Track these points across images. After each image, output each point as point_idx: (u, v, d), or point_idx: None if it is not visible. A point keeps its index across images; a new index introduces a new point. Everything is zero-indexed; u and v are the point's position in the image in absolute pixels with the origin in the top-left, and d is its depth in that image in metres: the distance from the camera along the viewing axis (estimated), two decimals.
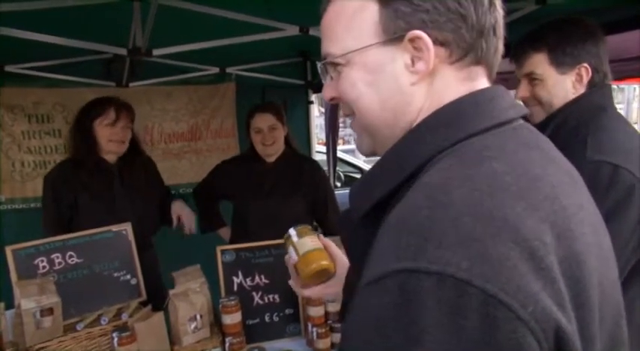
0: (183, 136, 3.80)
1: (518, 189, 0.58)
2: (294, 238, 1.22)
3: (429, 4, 0.67)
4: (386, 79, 0.71)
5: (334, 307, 2.02)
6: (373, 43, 0.71)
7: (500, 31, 0.73)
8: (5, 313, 1.69)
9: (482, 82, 0.73)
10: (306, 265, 1.17)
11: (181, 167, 3.76)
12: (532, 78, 1.53)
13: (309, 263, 1.17)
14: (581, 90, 1.50)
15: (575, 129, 1.44)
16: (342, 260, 1.19)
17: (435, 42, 0.68)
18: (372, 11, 0.70)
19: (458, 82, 0.71)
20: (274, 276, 2.06)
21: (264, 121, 2.48)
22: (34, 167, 3.34)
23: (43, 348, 1.68)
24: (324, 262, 1.17)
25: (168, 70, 3.46)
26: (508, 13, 0.75)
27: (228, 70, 3.75)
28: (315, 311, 2.00)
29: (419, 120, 0.71)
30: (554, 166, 0.67)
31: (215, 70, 3.69)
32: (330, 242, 1.23)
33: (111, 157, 2.32)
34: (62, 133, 3.35)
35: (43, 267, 1.76)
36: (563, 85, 1.50)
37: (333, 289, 1.19)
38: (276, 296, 2.08)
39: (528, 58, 1.53)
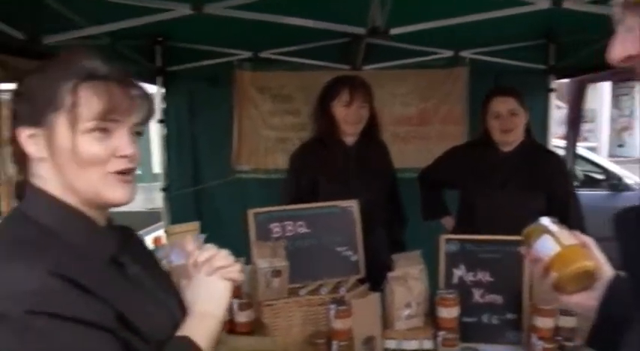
0: (411, 120, 3.76)
1: None
2: (552, 227, 0.97)
3: None
4: None
5: (568, 323, 1.74)
6: None
7: None
8: (244, 267, 1.88)
9: None
10: (569, 262, 0.92)
11: (407, 152, 3.72)
12: None
13: (574, 260, 0.92)
14: None
15: None
16: (604, 267, 0.95)
17: None
18: None
19: None
20: (500, 274, 1.87)
21: (504, 104, 2.26)
22: (274, 142, 3.73)
23: (270, 305, 1.82)
24: (590, 263, 0.92)
25: (401, 53, 3.47)
26: None
27: (462, 53, 3.58)
28: (544, 322, 1.74)
29: None
30: None
31: (449, 53, 3.57)
32: (590, 240, 0.98)
33: (349, 139, 2.34)
34: (300, 112, 3.65)
35: (277, 232, 1.91)
36: None
37: (593, 302, 0.92)
38: (499, 297, 1.89)
39: None
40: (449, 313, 1.80)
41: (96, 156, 0.87)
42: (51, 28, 2.41)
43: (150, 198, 6.60)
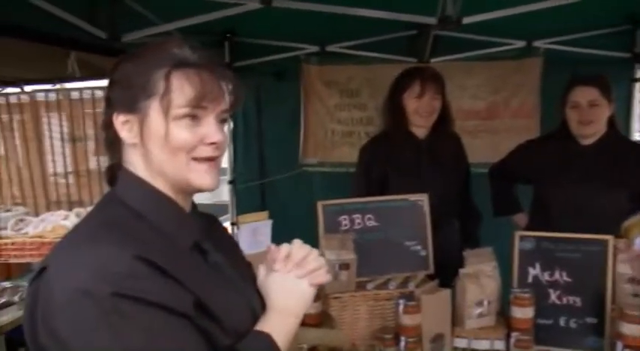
0: (479, 114, 3.65)
1: None
2: None
3: None
4: None
5: None
6: None
7: None
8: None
9: None
10: None
11: (475, 146, 3.58)
12: None
13: None
14: None
15: None
16: None
17: None
18: None
19: None
20: (579, 275, 1.77)
21: (584, 94, 2.12)
22: (341, 136, 3.75)
23: (337, 297, 1.82)
24: None
25: (470, 44, 3.35)
26: None
27: (535, 43, 3.41)
28: (631, 329, 1.62)
29: None
30: None
31: (520, 43, 3.41)
32: None
33: (420, 132, 2.29)
34: (367, 106, 3.63)
35: (345, 224, 1.90)
36: None
37: None
38: (578, 299, 1.78)
39: None
40: (523, 313, 1.72)
41: (185, 142, 0.88)
42: (128, 27, 2.51)
43: (216, 191, 6.83)
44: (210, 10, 2.45)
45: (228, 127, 3.83)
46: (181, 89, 0.87)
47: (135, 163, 0.93)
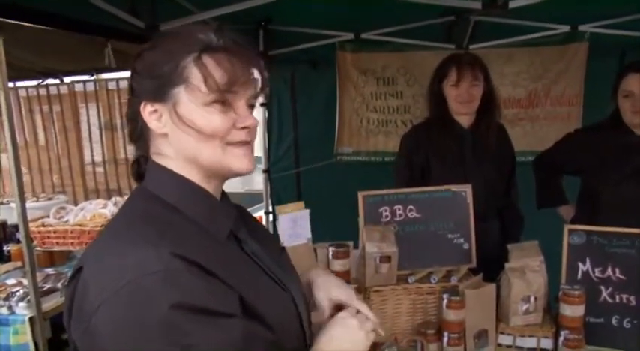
0: (519, 102, 3.54)
1: None
2: None
3: None
4: None
5: None
6: None
7: None
8: (353, 251, 1.85)
9: None
10: None
11: (513, 135, 3.50)
12: None
13: None
14: None
15: None
16: None
17: None
18: None
19: None
20: (634, 272, 1.68)
21: (637, 82, 2.02)
22: (377, 124, 3.70)
23: (378, 291, 1.78)
24: None
25: (511, 30, 3.24)
26: None
27: (581, 27, 3.27)
28: None
29: None
30: None
31: (565, 28, 3.28)
32: None
33: (464, 120, 2.21)
34: (403, 94, 3.57)
35: (386, 216, 1.86)
36: None
37: None
38: (632, 298, 1.70)
39: None
40: (573, 311, 1.65)
41: (218, 128, 0.86)
42: (166, 16, 2.51)
43: (249, 180, 6.86)
44: None
45: (262, 114, 3.83)
46: (211, 75, 0.84)
47: (165, 153, 0.90)
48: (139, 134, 0.92)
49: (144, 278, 0.74)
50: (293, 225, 1.82)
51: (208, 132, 0.85)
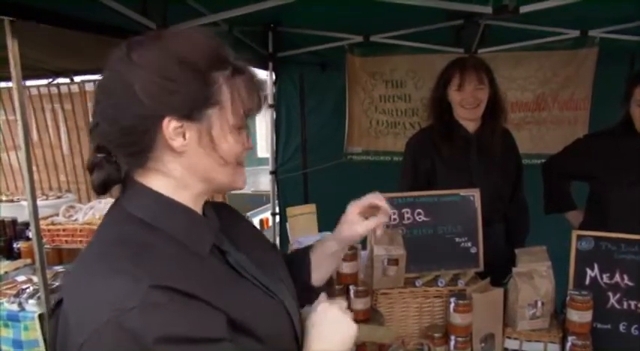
0: (526, 106, 3.55)
1: None
2: None
3: None
4: None
5: None
6: None
7: None
8: (361, 253, 1.86)
9: None
10: None
11: (519, 138, 3.50)
12: None
13: None
14: None
15: None
16: None
17: None
18: None
19: None
20: None
21: None
22: (385, 126, 3.75)
23: (386, 294, 1.79)
24: None
25: (520, 34, 3.24)
26: None
27: (591, 32, 3.26)
28: None
29: None
30: None
31: (575, 33, 3.27)
32: None
33: (468, 125, 2.20)
34: (411, 97, 3.58)
35: (394, 219, 1.85)
36: None
37: None
38: None
39: None
40: (580, 317, 1.64)
41: (238, 154, 0.88)
42: (176, 17, 2.53)
43: (255, 181, 6.89)
44: (256, 0, 2.44)
45: (270, 116, 3.85)
46: (241, 98, 0.84)
47: (168, 170, 0.85)
48: (142, 147, 0.83)
49: (122, 316, 0.70)
50: (303, 228, 1.83)
51: (231, 159, 0.87)
